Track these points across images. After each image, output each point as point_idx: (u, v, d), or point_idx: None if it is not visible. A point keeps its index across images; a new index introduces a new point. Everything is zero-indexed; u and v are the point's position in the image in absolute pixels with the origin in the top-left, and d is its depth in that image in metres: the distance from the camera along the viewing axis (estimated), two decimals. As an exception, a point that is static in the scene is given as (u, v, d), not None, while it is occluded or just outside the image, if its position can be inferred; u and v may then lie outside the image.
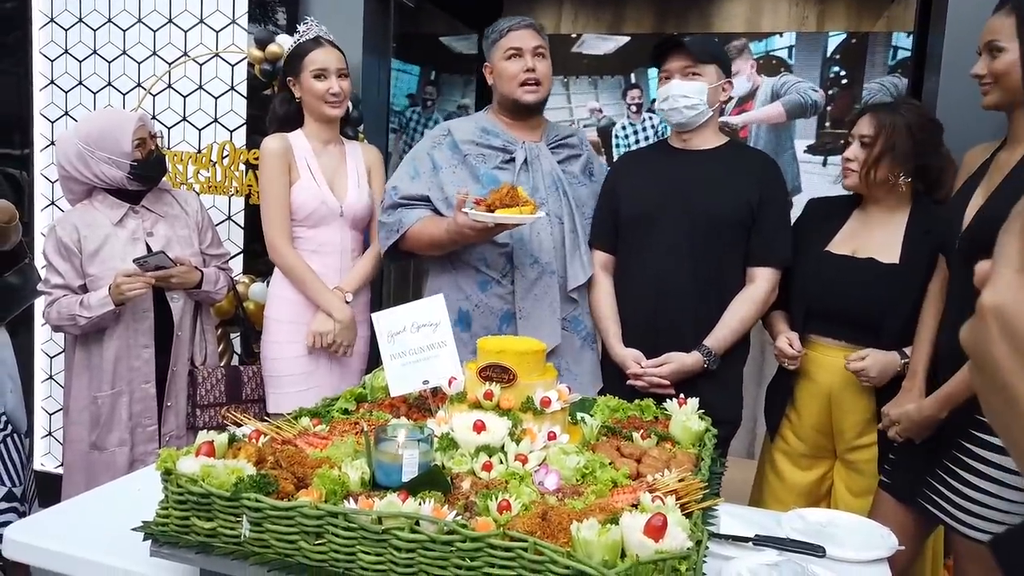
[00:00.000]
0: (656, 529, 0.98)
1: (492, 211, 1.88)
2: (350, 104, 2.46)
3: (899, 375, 1.91)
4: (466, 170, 2.17)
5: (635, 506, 1.15)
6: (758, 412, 2.19)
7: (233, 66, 2.99)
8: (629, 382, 2.07)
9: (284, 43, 2.55)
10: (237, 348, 2.88)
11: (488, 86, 2.25)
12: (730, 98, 2.10)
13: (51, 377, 3.31)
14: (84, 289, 2.23)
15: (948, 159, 1.99)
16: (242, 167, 2.87)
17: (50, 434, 3.32)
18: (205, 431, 1.26)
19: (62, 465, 2.41)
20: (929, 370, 1.83)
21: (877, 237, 1.99)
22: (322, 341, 2.29)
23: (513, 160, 2.17)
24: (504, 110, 2.22)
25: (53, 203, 3.22)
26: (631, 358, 2.08)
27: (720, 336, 2.04)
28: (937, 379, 1.79)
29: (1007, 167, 1.70)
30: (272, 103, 2.42)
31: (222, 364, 2.63)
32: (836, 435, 2.04)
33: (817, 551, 1.34)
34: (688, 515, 1.14)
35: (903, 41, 3.79)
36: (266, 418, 2.29)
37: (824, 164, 4.19)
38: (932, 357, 1.83)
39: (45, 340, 3.30)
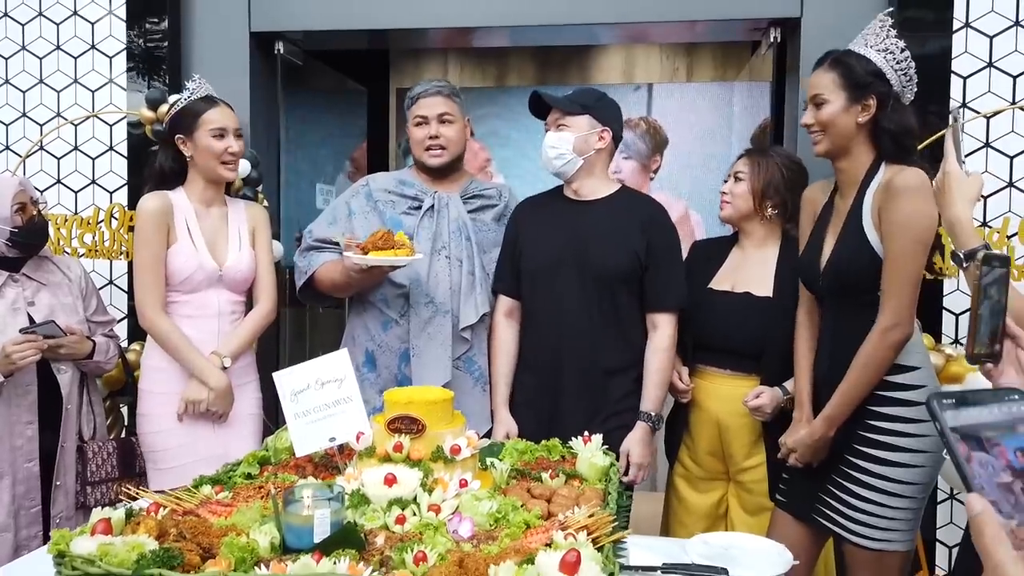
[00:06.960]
0: (571, 565, 1.02)
1: (367, 254, 1.97)
2: (249, 164, 2.41)
3: (782, 407, 2.05)
4: (376, 215, 2.26)
5: (549, 545, 1.18)
6: (658, 445, 2.27)
7: (111, 126, 2.90)
8: None
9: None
10: (126, 419, 2.74)
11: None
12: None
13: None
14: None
15: None
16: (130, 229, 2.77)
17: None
18: (99, 508, 1.20)
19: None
20: (812, 397, 1.96)
21: (752, 273, 2.17)
22: (195, 409, 2.18)
23: (420, 207, 2.25)
24: (419, 168, 2.33)
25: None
26: (506, 432, 2.14)
27: (653, 396, 2.11)
28: (818, 404, 1.92)
29: (844, 214, 1.88)
30: (157, 159, 2.31)
31: (112, 437, 2.49)
32: (727, 458, 2.16)
33: (720, 573, 1.40)
34: (600, 548, 1.18)
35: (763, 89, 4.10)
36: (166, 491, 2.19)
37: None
38: (813, 384, 1.96)
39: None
